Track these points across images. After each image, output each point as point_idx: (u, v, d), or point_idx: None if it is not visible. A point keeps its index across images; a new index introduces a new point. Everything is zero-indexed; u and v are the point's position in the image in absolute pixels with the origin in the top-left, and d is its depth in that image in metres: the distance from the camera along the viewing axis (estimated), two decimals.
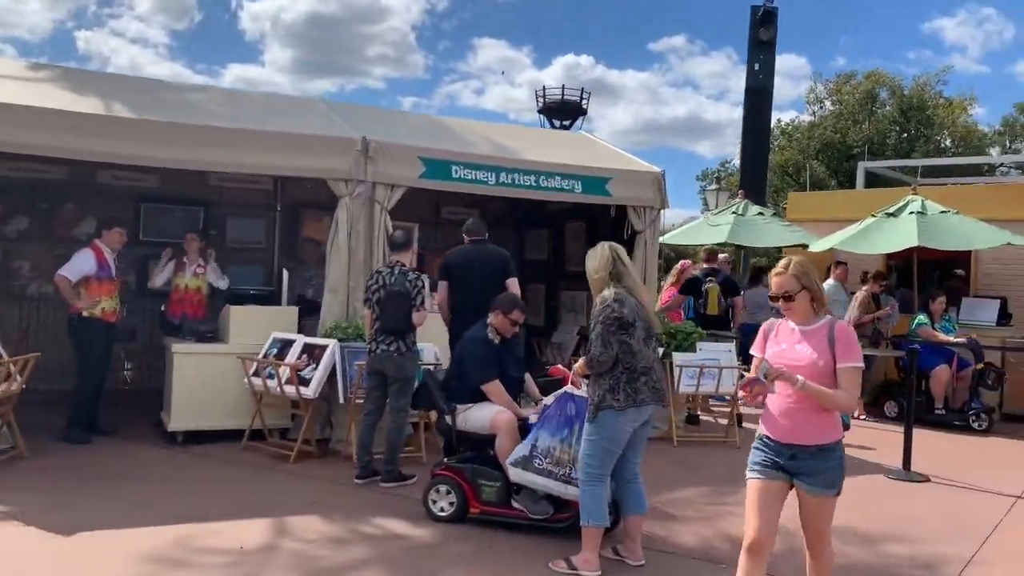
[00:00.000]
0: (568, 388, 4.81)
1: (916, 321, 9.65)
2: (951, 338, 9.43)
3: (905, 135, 36.33)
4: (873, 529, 5.31)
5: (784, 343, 3.47)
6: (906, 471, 6.79)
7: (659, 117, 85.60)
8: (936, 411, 9.42)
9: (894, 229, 10.08)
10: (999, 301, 10.45)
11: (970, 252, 11.12)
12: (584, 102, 31.60)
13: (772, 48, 17.22)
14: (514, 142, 8.48)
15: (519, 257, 10.73)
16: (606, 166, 8.20)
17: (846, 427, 4.18)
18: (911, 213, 10.16)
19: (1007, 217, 10.71)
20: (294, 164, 6.89)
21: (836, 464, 3.37)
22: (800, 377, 3.29)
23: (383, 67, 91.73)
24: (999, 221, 10.40)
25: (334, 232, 6.91)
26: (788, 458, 3.36)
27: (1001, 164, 30.70)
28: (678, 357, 7.69)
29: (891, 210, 10.45)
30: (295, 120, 7.41)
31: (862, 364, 3.40)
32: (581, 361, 4.47)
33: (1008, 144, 37.37)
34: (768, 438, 3.43)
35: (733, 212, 11.99)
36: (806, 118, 39.20)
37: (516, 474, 4.76)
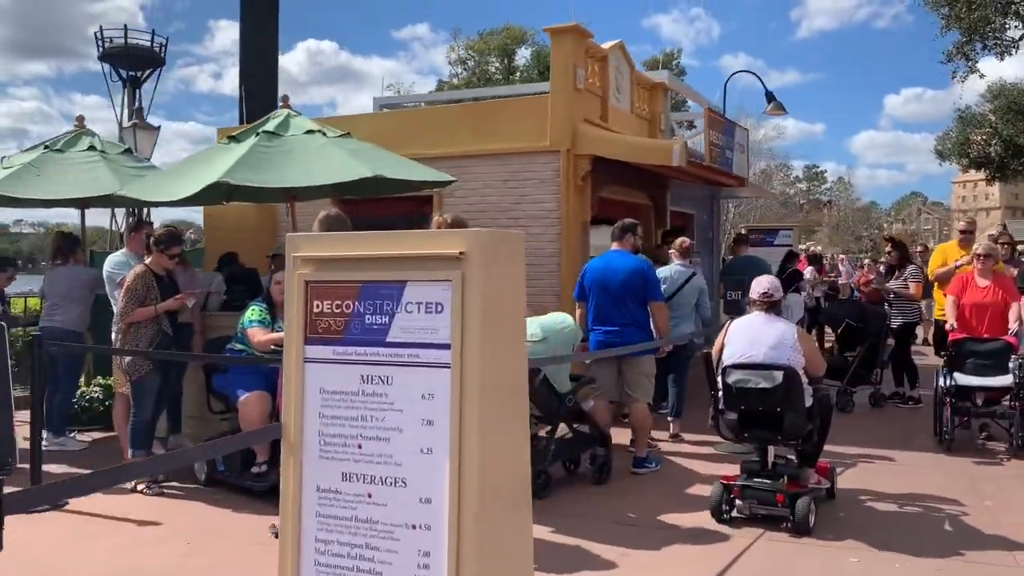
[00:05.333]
0: None
1: (245, 318, 5.64)
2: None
3: None
4: None
5: None
6: None
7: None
8: (254, 469, 5.52)
9: (212, 162, 6.07)
10: None
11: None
12: (161, 50, 25.53)
13: None
14: None
15: None
16: None
17: None
18: (259, 133, 6.22)
19: (465, 151, 7.93)
20: None
21: None
22: None
23: None
24: (446, 159, 7.60)
25: None
26: None
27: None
28: None
29: (236, 134, 6.49)
30: None
31: None
32: None
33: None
34: None
35: (46, 147, 7.40)
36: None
37: None
